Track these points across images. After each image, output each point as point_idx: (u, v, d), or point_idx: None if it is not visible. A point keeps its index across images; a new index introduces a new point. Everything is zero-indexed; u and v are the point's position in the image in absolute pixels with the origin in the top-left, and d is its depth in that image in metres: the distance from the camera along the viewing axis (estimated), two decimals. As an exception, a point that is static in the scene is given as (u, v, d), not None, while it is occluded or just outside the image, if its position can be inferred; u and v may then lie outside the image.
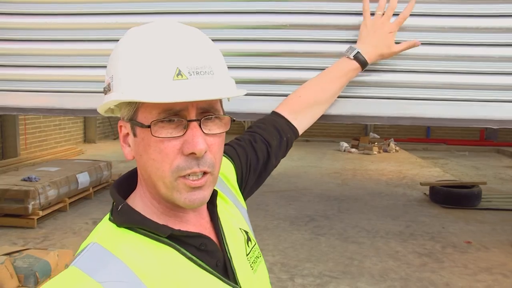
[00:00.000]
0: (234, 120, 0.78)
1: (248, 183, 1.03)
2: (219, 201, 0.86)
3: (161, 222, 0.75)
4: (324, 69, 1.18)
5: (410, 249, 4.77)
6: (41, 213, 5.34)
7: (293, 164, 9.86)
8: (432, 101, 1.20)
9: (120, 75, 0.71)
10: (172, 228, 0.74)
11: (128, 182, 0.82)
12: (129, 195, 0.80)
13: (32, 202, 5.22)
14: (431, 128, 14.37)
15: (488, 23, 1.16)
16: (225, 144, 1.00)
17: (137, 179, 0.80)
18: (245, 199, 1.02)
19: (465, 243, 5.00)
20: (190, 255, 0.74)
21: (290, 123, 1.11)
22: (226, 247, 0.81)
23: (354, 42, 1.18)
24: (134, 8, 1.24)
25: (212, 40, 0.77)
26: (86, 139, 12.40)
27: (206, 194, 0.74)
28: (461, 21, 1.16)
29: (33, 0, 1.28)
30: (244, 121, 15.27)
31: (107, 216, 0.77)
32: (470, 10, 1.16)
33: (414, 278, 4.06)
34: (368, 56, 1.14)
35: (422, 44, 1.18)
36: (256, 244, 0.91)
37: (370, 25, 1.15)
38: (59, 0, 1.26)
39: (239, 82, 1.21)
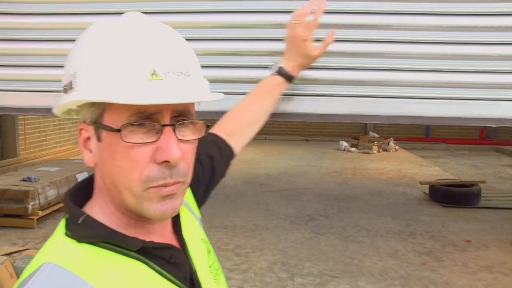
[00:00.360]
0: (209, 126, 0.72)
1: (197, 196, 0.98)
2: (179, 211, 0.81)
3: (128, 234, 0.68)
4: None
5: (410, 248, 4.78)
6: (40, 213, 5.34)
7: (292, 163, 9.86)
8: (431, 100, 1.21)
9: (86, 72, 0.64)
10: (143, 240, 0.67)
11: (84, 192, 0.74)
12: (83, 205, 0.72)
13: (32, 202, 5.22)
14: (431, 127, 14.37)
15: (486, 22, 1.16)
16: None
17: (92, 187, 0.73)
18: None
19: (465, 242, 5.00)
20: (159, 269, 0.69)
21: (226, 142, 1.08)
22: (190, 258, 0.77)
23: (355, 41, 1.19)
24: (136, 8, 1.24)
25: (199, 40, 0.75)
26: (86, 139, 12.39)
27: (177, 204, 0.68)
28: (459, 20, 1.17)
29: (34, 0, 1.28)
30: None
31: (60, 231, 0.68)
32: (469, 8, 1.16)
33: (414, 277, 4.07)
34: (290, 69, 1.14)
35: (421, 43, 1.18)
36: (215, 256, 0.87)
37: (288, 37, 1.15)
38: (60, 0, 1.27)
39: (232, 81, 1.21)
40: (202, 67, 0.72)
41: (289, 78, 1.14)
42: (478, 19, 1.16)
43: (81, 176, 6.26)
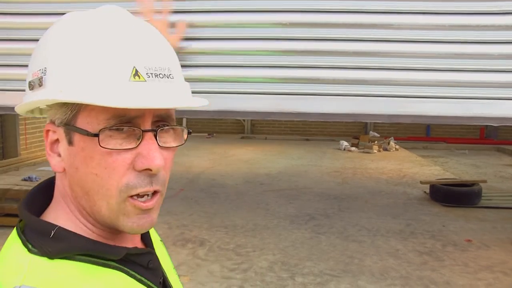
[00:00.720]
0: (190, 133, 0.67)
1: None
2: None
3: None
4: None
5: (411, 248, 4.78)
6: (41, 213, 5.35)
7: (293, 163, 9.87)
8: (432, 99, 1.21)
9: (57, 68, 0.57)
10: (126, 247, 0.64)
11: (40, 199, 0.66)
12: (40, 215, 0.65)
13: (33, 202, 5.22)
14: (431, 127, 14.37)
15: (487, 21, 1.16)
16: None
17: (50, 193, 0.66)
18: None
19: (466, 242, 5.00)
20: (139, 276, 0.65)
21: None
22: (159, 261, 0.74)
23: (356, 41, 1.19)
24: (139, 8, 1.24)
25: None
26: (86, 139, 12.41)
27: (154, 218, 0.63)
28: (460, 19, 1.16)
29: (34, 0, 1.28)
30: (243, 120, 15.29)
31: (18, 248, 0.59)
32: (470, 8, 1.16)
33: (414, 276, 4.07)
34: None
35: (422, 42, 1.18)
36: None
37: None
38: (60, 0, 1.27)
39: (240, 81, 1.21)
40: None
41: None
42: (479, 18, 1.16)
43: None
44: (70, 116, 0.59)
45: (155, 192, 0.61)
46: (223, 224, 5.35)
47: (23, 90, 1.31)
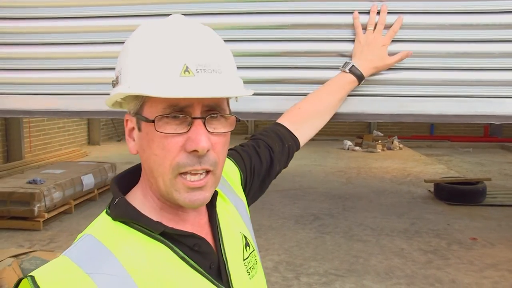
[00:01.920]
0: (239, 120, 0.77)
1: (252, 187, 1.02)
2: (219, 202, 0.85)
3: (158, 218, 0.74)
4: (325, 67, 1.20)
5: (416, 247, 4.77)
6: (46, 215, 5.37)
7: (297, 163, 9.87)
8: (435, 98, 1.21)
9: (128, 68, 0.71)
10: (165, 225, 0.72)
11: (129, 177, 0.81)
12: (130, 190, 0.80)
13: (38, 205, 5.25)
14: (435, 125, 14.33)
15: (488, 20, 1.16)
16: (229, 149, 1.00)
17: (139, 174, 0.79)
18: (249, 204, 1.00)
19: (471, 240, 4.99)
20: (182, 254, 0.73)
21: (292, 132, 1.11)
22: (222, 249, 0.79)
23: (348, 41, 1.20)
24: (139, 11, 1.25)
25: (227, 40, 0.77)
26: (90, 141, 12.45)
27: (207, 196, 0.73)
28: (461, 18, 1.17)
29: (39, 4, 1.29)
30: (247, 121, 15.28)
31: (105, 209, 0.77)
32: (471, 7, 1.16)
33: (419, 275, 4.06)
34: (363, 69, 1.17)
35: (424, 41, 1.19)
36: (255, 251, 0.89)
37: (363, 40, 1.18)
38: (64, 4, 1.28)
39: (246, 82, 1.22)
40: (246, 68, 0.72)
41: (360, 77, 1.18)
42: (480, 17, 1.16)
43: (86, 178, 6.30)
44: (138, 107, 0.72)
45: (207, 172, 0.71)
46: (228, 225, 5.36)
47: (30, 94, 1.33)
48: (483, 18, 1.16)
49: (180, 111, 0.69)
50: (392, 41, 1.19)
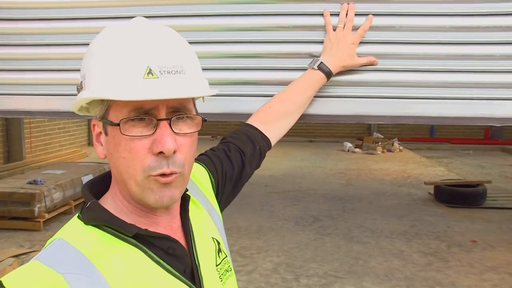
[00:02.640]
0: (205, 120, 0.76)
1: (225, 192, 1.01)
2: (191, 207, 0.84)
3: (129, 221, 0.73)
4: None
5: (415, 249, 4.76)
6: (47, 216, 5.38)
7: (297, 164, 9.86)
8: (435, 100, 1.21)
9: (92, 73, 0.70)
10: (139, 227, 0.72)
11: (101, 184, 0.80)
12: (102, 195, 0.79)
13: (38, 205, 5.25)
14: (435, 127, 14.32)
15: (489, 22, 1.16)
16: (200, 154, 1.01)
17: (110, 180, 0.79)
18: (221, 209, 0.99)
19: (471, 242, 4.98)
20: (157, 258, 0.72)
21: (262, 133, 1.10)
22: (195, 254, 0.78)
23: (360, 43, 1.20)
24: (139, 12, 1.25)
25: (192, 42, 0.78)
26: (91, 142, 12.45)
27: (175, 193, 0.72)
28: (462, 20, 1.17)
29: (41, 5, 1.29)
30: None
31: (77, 214, 0.76)
32: (471, 9, 1.16)
33: (419, 277, 4.06)
34: (332, 66, 1.17)
35: (424, 43, 1.19)
36: (228, 257, 0.88)
37: (333, 38, 1.18)
38: (66, 5, 1.28)
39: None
40: (221, 69, 0.73)
41: (329, 74, 1.17)
42: (481, 19, 1.16)
43: (86, 179, 6.30)
44: (104, 111, 0.72)
45: (172, 172, 0.70)
46: (227, 226, 5.33)
47: (31, 94, 1.33)
48: (484, 20, 1.16)
49: (145, 113, 0.69)
50: (394, 43, 1.19)
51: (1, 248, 4.21)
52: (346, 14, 1.18)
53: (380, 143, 12.19)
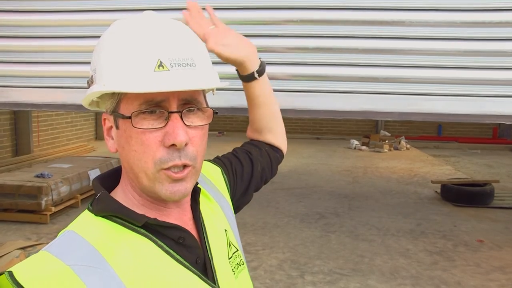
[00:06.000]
0: (217, 113, 0.76)
1: (238, 190, 1.00)
2: (202, 199, 0.84)
3: (139, 212, 0.73)
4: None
5: (421, 247, 4.74)
6: (53, 209, 5.41)
7: (303, 161, 9.85)
8: (444, 97, 1.20)
9: (103, 67, 0.70)
10: (148, 217, 0.72)
11: (111, 178, 0.80)
12: (113, 188, 0.79)
13: (45, 198, 5.29)
14: (443, 126, 14.22)
15: (501, 17, 1.14)
16: (207, 160, 1.01)
17: (121, 174, 0.79)
18: (236, 208, 0.98)
19: (477, 242, 4.94)
20: (167, 248, 0.72)
21: (261, 141, 1.09)
22: (207, 245, 0.78)
23: (367, 38, 1.19)
24: (149, 5, 1.25)
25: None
26: (98, 136, 12.51)
27: (188, 187, 0.72)
28: (473, 16, 1.15)
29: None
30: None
31: (87, 206, 0.76)
32: (483, 4, 1.14)
33: (425, 276, 4.04)
34: (239, 69, 1.04)
35: (434, 39, 1.17)
36: (239, 251, 0.87)
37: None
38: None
39: (235, 77, 1.22)
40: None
41: (244, 77, 1.04)
42: (493, 15, 1.15)
43: (93, 173, 6.33)
44: (115, 105, 0.72)
45: (186, 166, 0.71)
46: (233, 222, 5.36)
47: (37, 87, 1.33)
48: (495, 15, 1.14)
49: (156, 106, 0.69)
50: (404, 38, 1.17)
51: (9, 240, 4.25)
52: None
53: (387, 141, 12.12)
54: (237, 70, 1.05)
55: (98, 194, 0.74)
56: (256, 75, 1.02)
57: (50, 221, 5.32)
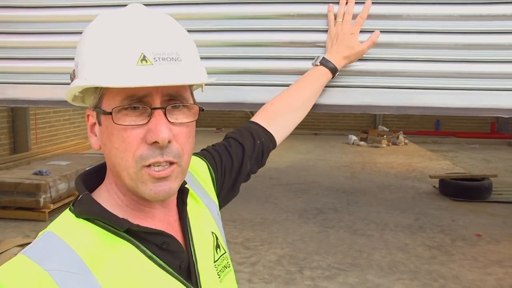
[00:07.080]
0: (203, 110, 0.73)
1: (224, 187, 0.98)
2: (190, 201, 0.82)
3: (123, 215, 0.70)
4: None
5: (419, 242, 4.76)
6: (52, 206, 5.41)
7: (301, 157, 9.85)
8: (441, 90, 1.20)
9: (85, 61, 0.67)
10: (131, 222, 0.69)
11: (96, 175, 0.77)
12: (96, 188, 0.76)
13: (44, 196, 5.29)
14: (441, 121, 14.24)
15: (498, 10, 1.14)
16: (201, 150, 0.99)
17: (105, 171, 0.76)
18: (221, 206, 0.96)
19: (475, 236, 4.97)
20: (150, 253, 0.69)
21: (265, 129, 1.08)
22: (192, 249, 0.76)
23: (364, 32, 1.18)
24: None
25: (194, 31, 0.75)
26: (96, 134, 12.49)
27: (173, 186, 0.69)
28: (470, 9, 1.15)
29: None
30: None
31: (69, 206, 0.73)
32: (480, -3, 1.14)
33: (423, 270, 4.05)
34: (334, 60, 1.16)
35: (432, 32, 1.17)
36: (226, 254, 0.85)
37: (333, 33, 1.18)
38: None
39: (228, 72, 1.21)
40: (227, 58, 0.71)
41: (332, 69, 1.16)
42: (490, 8, 1.14)
43: (91, 170, 6.32)
44: (97, 100, 0.69)
45: (170, 164, 0.68)
46: (232, 218, 5.37)
47: (34, 83, 1.33)
48: (492, 8, 1.14)
49: (138, 101, 0.66)
50: (401, 32, 1.17)
51: (8, 238, 4.24)
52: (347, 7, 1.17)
53: (385, 136, 12.13)
54: (326, 59, 1.16)
55: (80, 196, 0.71)
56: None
57: (48, 218, 5.31)
